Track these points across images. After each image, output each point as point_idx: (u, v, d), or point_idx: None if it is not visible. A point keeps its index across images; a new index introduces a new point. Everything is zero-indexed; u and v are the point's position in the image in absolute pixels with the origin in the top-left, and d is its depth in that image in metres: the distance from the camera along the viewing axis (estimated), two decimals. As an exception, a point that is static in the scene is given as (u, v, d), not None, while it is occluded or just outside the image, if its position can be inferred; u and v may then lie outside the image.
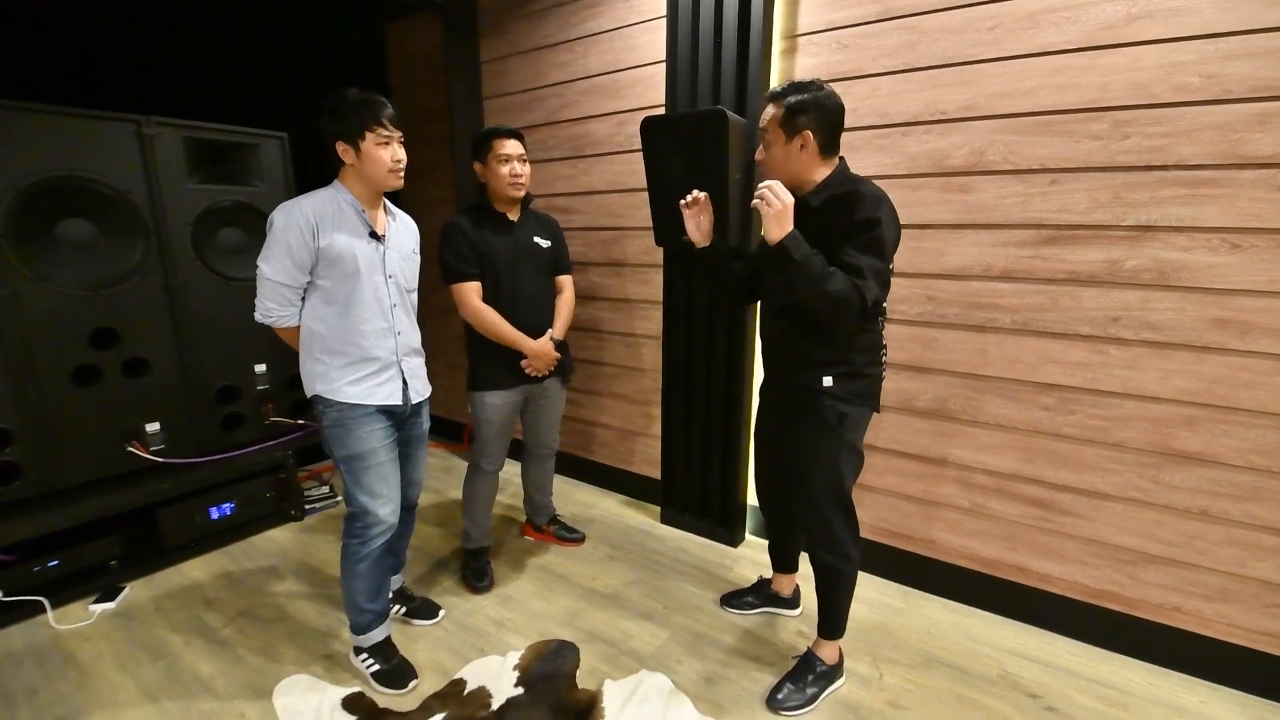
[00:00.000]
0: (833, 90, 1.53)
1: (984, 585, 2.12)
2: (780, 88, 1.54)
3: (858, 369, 1.61)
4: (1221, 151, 1.62)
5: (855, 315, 1.46)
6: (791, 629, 2.07)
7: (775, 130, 1.54)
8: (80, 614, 2.12)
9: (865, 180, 1.54)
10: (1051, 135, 1.81)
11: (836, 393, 1.60)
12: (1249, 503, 1.72)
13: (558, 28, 2.76)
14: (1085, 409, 1.89)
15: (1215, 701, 1.76)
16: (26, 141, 2.02)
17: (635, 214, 2.69)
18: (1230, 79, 1.58)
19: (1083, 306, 1.85)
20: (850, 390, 1.61)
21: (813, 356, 1.61)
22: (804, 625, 2.08)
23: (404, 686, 1.79)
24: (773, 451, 1.88)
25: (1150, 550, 1.86)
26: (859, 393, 1.62)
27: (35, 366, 2.09)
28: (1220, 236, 1.65)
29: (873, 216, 1.43)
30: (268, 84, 3.01)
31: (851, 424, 1.62)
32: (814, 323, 1.56)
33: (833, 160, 1.58)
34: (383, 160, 1.62)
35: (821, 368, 1.60)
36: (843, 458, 1.64)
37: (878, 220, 1.43)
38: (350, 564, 1.78)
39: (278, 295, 1.67)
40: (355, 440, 1.70)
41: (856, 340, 1.60)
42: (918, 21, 1.96)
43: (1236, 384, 1.69)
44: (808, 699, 1.72)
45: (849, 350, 1.60)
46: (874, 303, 1.46)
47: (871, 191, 1.49)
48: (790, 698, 1.72)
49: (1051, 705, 1.74)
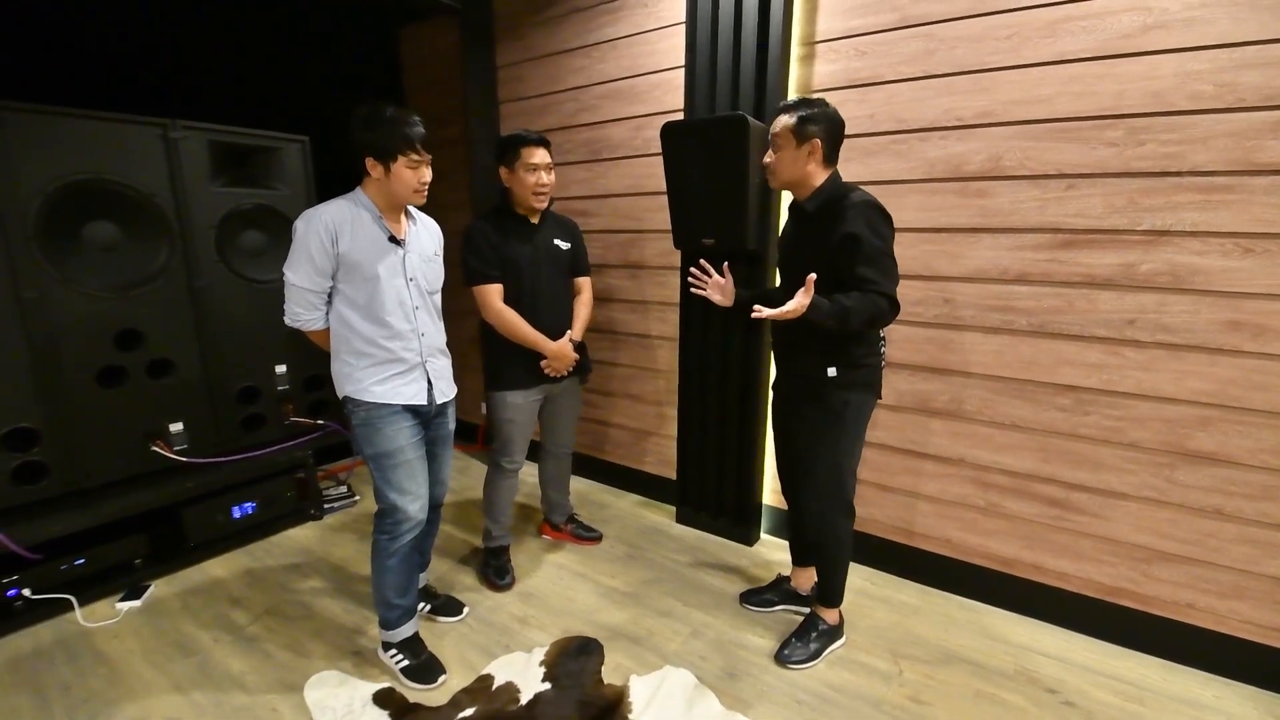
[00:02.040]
0: (836, 109, 1.71)
1: (1000, 583, 2.16)
2: (793, 101, 1.73)
3: (857, 360, 1.75)
4: (1235, 158, 1.66)
5: (890, 315, 1.63)
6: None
7: (787, 136, 1.70)
8: (107, 612, 2.14)
9: (855, 187, 1.72)
10: (1068, 141, 1.85)
11: (840, 382, 1.75)
12: (1262, 501, 1.76)
13: (575, 34, 2.80)
14: (1101, 410, 1.93)
15: (1229, 696, 1.79)
16: (55, 145, 2.05)
17: (653, 217, 2.72)
18: (1244, 88, 1.62)
19: (1099, 309, 1.88)
20: (852, 379, 1.76)
21: (817, 349, 1.75)
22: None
23: (433, 681, 1.82)
24: (789, 442, 1.98)
25: (1164, 548, 1.90)
26: (860, 381, 1.78)
27: (62, 367, 2.12)
28: (1234, 241, 1.69)
29: (853, 232, 1.61)
30: (285, 88, 3.04)
31: (854, 410, 1.78)
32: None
33: (830, 169, 1.74)
34: (409, 182, 1.67)
35: (824, 358, 1.75)
36: (844, 442, 1.80)
37: (857, 236, 1.60)
38: (380, 560, 1.81)
39: (303, 300, 1.71)
40: (383, 438, 1.74)
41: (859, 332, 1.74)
42: (936, 29, 1.99)
43: (1250, 385, 1.73)
44: (811, 654, 1.91)
45: (848, 343, 1.73)
46: (895, 295, 1.63)
47: (859, 199, 1.64)
48: (796, 652, 1.91)
49: (1069, 700, 1.77)
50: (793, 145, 1.69)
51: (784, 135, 1.70)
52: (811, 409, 1.81)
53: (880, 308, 1.59)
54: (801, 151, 1.69)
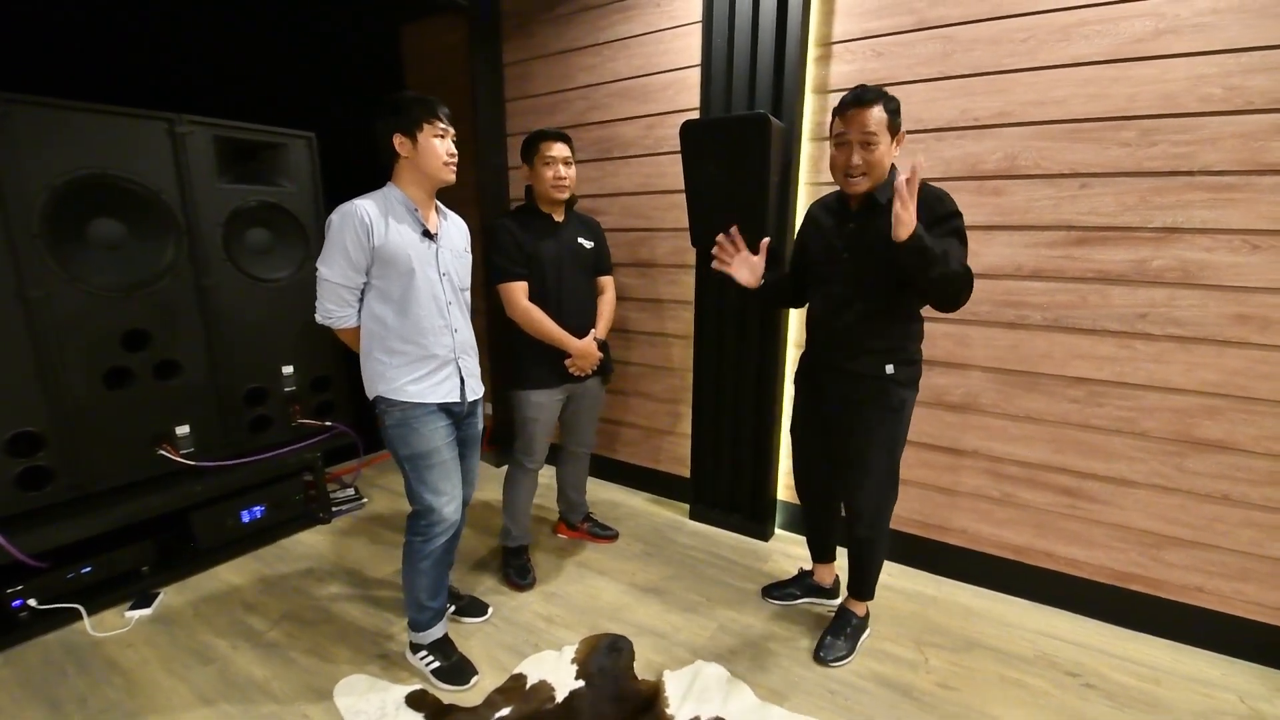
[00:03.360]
0: None
1: (1015, 571, 2.22)
2: (868, 90, 1.59)
3: (913, 356, 1.76)
4: (1243, 159, 1.73)
5: (967, 290, 1.55)
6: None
7: (883, 131, 1.60)
8: (116, 621, 2.08)
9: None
10: (1082, 142, 1.91)
11: (899, 379, 1.73)
12: (1266, 487, 1.84)
13: (585, 32, 2.80)
14: (1113, 401, 1.99)
15: (1237, 674, 1.87)
16: (61, 139, 1.98)
17: (665, 215, 2.74)
18: (1252, 91, 1.69)
19: (1111, 304, 1.95)
20: (908, 376, 1.76)
21: (875, 346, 1.73)
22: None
23: (466, 683, 1.80)
24: (823, 440, 1.94)
25: (1173, 533, 1.98)
26: (914, 378, 1.78)
27: (68, 369, 2.05)
28: (1242, 238, 1.76)
29: (955, 210, 1.60)
30: (289, 85, 2.99)
31: (909, 407, 1.78)
32: (878, 312, 1.70)
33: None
34: (438, 152, 1.67)
35: (883, 356, 1.73)
36: (900, 438, 1.81)
37: (959, 213, 1.60)
38: (413, 562, 1.79)
39: (335, 296, 1.68)
40: (419, 439, 1.72)
41: (911, 329, 1.75)
42: (952, 32, 2.04)
43: (1256, 375, 1.81)
44: (850, 649, 1.94)
45: (907, 339, 1.74)
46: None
47: (934, 189, 1.64)
48: (835, 650, 1.93)
49: (1089, 682, 1.83)
50: (888, 139, 1.62)
51: (880, 130, 1.59)
52: (871, 408, 1.76)
53: (969, 274, 1.54)
54: (893, 145, 1.65)
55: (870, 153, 1.62)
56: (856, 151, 1.63)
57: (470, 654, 1.92)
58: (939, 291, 1.55)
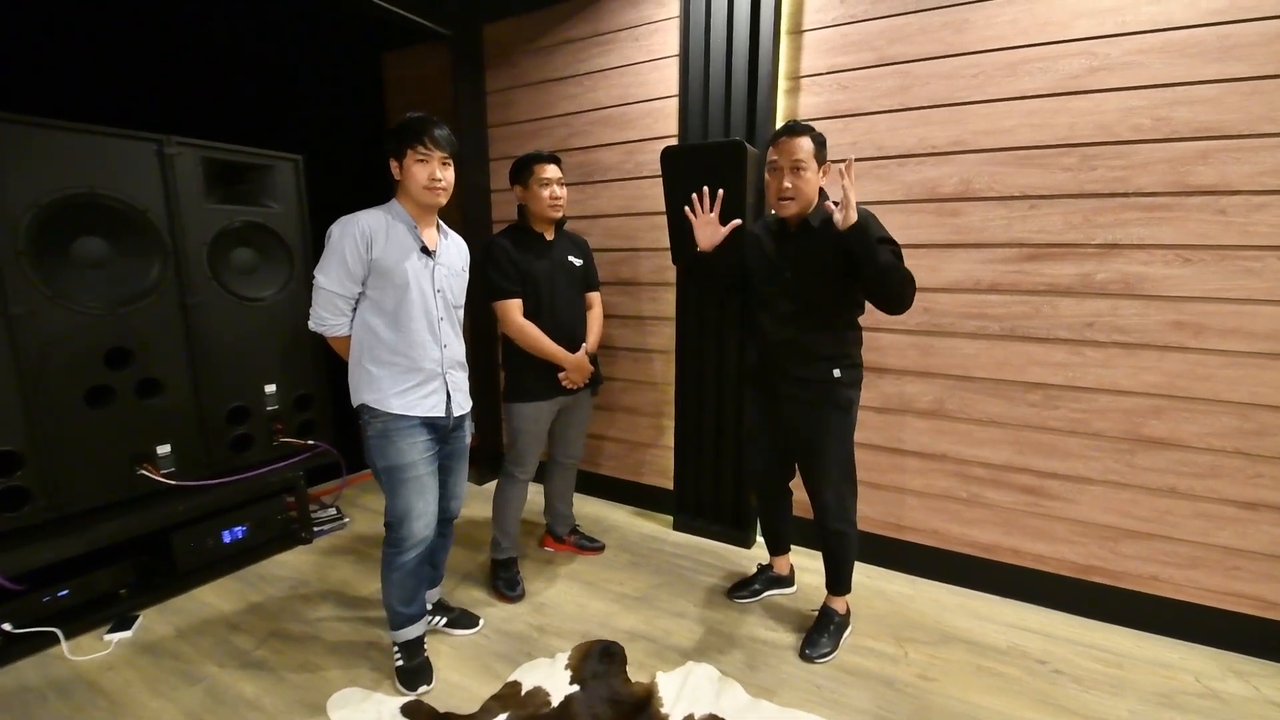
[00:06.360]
0: None
1: (985, 568, 2.34)
2: (798, 124, 1.82)
3: (855, 360, 1.94)
4: (1172, 181, 1.92)
5: (913, 284, 1.70)
6: (816, 604, 2.19)
7: (810, 160, 1.80)
8: (95, 645, 2.03)
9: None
10: (1030, 167, 2.09)
11: (845, 381, 1.91)
12: (1210, 479, 2.00)
13: (566, 63, 2.93)
14: (1067, 404, 2.15)
15: (1193, 657, 2.00)
16: (48, 158, 1.99)
17: (646, 236, 2.85)
18: (1177, 121, 1.89)
19: (1061, 314, 2.12)
20: (852, 378, 1.93)
21: (822, 354, 1.89)
22: (812, 599, 2.28)
23: (413, 689, 1.84)
24: (776, 437, 2.07)
25: (1128, 526, 2.12)
26: (857, 380, 1.95)
27: (48, 387, 2.03)
28: (1174, 252, 1.95)
29: (864, 218, 1.69)
30: (276, 108, 3.04)
31: (856, 406, 1.96)
32: (823, 324, 1.88)
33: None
34: (419, 178, 1.71)
35: (829, 362, 1.89)
36: (850, 433, 1.96)
37: (869, 215, 1.74)
38: (388, 571, 1.83)
39: (330, 304, 1.73)
40: (396, 452, 1.75)
41: (851, 336, 1.93)
42: (911, 68, 2.23)
43: (1194, 377, 1.98)
44: (834, 646, 2.03)
45: (847, 345, 1.91)
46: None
47: (866, 210, 1.78)
48: (820, 647, 2.01)
49: (1058, 669, 1.94)
50: (814, 167, 1.80)
51: (808, 159, 1.78)
52: (824, 409, 1.91)
53: (904, 269, 1.69)
54: (819, 173, 1.83)
55: (799, 177, 1.80)
56: (787, 176, 1.81)
57: (464, 665, 1.93)
58: (884, 282, 1.68)
